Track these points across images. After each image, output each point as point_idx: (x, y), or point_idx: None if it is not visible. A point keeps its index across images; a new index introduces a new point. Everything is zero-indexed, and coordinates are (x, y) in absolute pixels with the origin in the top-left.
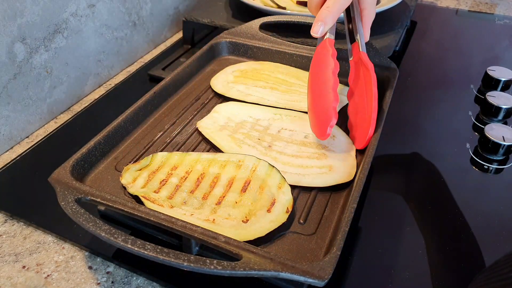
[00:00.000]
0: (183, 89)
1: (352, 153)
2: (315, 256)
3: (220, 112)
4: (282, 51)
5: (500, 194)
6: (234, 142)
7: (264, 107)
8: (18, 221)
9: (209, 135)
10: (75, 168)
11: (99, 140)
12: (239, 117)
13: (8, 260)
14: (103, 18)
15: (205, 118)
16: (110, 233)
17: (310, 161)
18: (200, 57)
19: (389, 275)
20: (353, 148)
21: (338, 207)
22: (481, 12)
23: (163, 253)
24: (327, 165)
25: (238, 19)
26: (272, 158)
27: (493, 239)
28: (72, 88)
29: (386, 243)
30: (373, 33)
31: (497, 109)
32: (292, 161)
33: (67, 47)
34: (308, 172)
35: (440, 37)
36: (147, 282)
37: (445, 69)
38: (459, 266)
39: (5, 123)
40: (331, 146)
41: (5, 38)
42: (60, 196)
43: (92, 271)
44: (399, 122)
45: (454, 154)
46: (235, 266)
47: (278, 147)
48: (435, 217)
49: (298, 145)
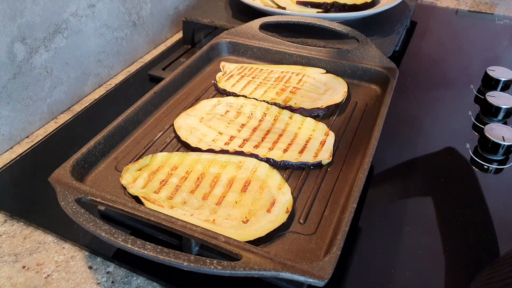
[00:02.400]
0: (183, 89)
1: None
2: (315, 256)
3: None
4: (282, 51)
5: (500, 194)
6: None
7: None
8: (18, 221)
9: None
10: (75, 168)
11: (99, 140)
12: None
13: (8, 260)
14: (103, 18)
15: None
16: (110, 233)
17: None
18: (200, 57)
19: (389, 275)
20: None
21: (338, 207)
22: (481, 12)
23: (163, 253)
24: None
25: (238, 19)
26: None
27: (493, 239)
28: (72, 88)
29: (386, 243)
30: (373, 33)
31: (497, 109)
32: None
33: (67, 47)
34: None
35: (440, 37)
36: (147, 282)
37: (445, 69)
38: (459, 266)
39: (5, 123)
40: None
41: (5, 38)
42: (60, 196)
43: (92, 271)
44: (399, 122)
45: (454, 154)
46: (235, 266)
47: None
48: (435, 217)
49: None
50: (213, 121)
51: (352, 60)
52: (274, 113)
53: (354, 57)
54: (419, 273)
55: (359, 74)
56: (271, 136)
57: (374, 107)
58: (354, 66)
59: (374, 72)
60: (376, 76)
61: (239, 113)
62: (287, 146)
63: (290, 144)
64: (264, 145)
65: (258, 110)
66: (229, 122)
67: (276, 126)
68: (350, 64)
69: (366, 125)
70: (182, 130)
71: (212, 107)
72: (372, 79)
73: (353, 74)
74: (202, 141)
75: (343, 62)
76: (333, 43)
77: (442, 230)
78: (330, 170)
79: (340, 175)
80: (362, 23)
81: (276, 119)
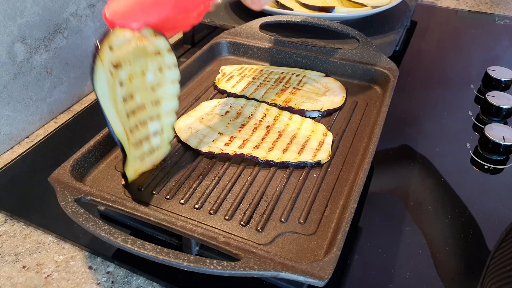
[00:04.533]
0: (183, 89)
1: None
2: (315, 256)
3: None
4: (282, 51)
5: (500, 194)
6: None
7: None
8: (18, 221)
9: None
10: (75, 168)
11: (99, 140)
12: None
13: (8, 260)
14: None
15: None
16: (110, 233)
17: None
18: (200, 57)
19: (389, 275)
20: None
21: (338, 207)
22: (481, 12)
23: (163, 253)
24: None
25: (238, 19)
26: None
27: (493, 239)
28: (72, 88)
29: (386, 243)
30: (373, 33)
31: (497, 109)
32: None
33: (67, 47)
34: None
35: (440, 37)
36: (147, 282)
37: (445, 69)
38: (459, 266)
39: (5, 123)
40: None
41: (5, 38)
42: (60, 196)
43: (92, 271)
44: (399, 122)
45: (454, 154)
46: (235, 266)
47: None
48: (435, 217)
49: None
50: (213, 122)
51: (352, 60)
52: (274, 114)
53: (354, 57)
54: (419, 273)
55: (359, 74)
56: (271, 135)
57: (374, 107)
58: (354, 66)
59: (374, 72)
60: (376, 76)
61: (239, 114)
62: (286, 145)
63: (290, 144)
64: (264, 145)
65: (258, 111)
66: (229, 123)
67: (276, 126)
68: (350, 64)
69: (366, 125)
70: (182, 132)
71: (212, 108)
72: (372, 79)
73: (353, 74)
74: (202, 142)
75: (343, 62)
76: (333, 43)
77: (442, 230)
78: (330, 170)
79: (340, 175)
80: (362, 23)
81: (276, 119)
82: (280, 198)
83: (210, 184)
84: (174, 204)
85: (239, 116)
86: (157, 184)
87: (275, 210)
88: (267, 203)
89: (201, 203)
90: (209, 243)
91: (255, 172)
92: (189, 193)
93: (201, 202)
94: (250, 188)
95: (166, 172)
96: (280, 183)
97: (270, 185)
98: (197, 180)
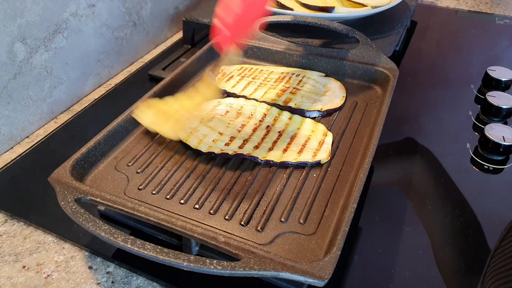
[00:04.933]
0: (183, 89)
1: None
2: (315, 256)
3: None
4: (282, 51)
5: (500, 194)
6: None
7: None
8: (18, 221)
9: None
10: (75, 168)
11: (99, 140)
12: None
13: (8, 260)
14: (103, 18)
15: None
16: (110, 233)
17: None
18: (200, 57)
19: (389, 275)
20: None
21: (338, 207)
22: (481, 12)
23: (163, 253)
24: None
25: None
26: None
27: (493, 238)
28: (72, 88)
29: (386, 243)
30: (373, 33)
31: (497, 109)
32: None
33: (67, 47)
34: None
35: (440, 37)
36: (147, 282)
37: (445, 69)
38: (459, 266)
39: (5, 123)
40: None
41: (5, 38)
42: (60, 196)
43: (92, 271)
44: (399, 122)
45: (454, 154)
46: (235, 266)
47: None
48: (435, 217)
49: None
50: (214, 122)
51: (352, 60)
52: (274, 114)
53: (354, 57)
54: (419, 273)
55: (359, 74)
56: (271, 135)
57: (374, 107)
58: (354, 66)
59: (374, 72)
60: (376, 76)
61: (239, 114)
62: (286, 146)
63: (290, 144)
64: (264, 145)
65: (258, 111)
66: (229, 123)
67: (276, 126)
68: (350, 64)
69: (366, 125)
70: (183, 132)
71: (212, 108)
72: (372, 79)
73: (353, 74)
74: (203, 142)
75: (343, 62)
76: (333, 43)
77: (442, 230)
78: (330, 170)
79: (340, 175)
80: (362, 23)
81: (276, 119)
82: (280, 198)
83: (210, 184)
84: (174, 204)
85: (239, 116)
86: (157, 184)
87: (275, 210)
88: (267, 203)
89: (201, 203)
90: (209, 243)
91: (255, 172)
92: (189, 193)
93: (201, 202)
94: (250, 188)
95: (166, 172)
96: (280, 183)
97: (270, 185)
98: (197, 180)
